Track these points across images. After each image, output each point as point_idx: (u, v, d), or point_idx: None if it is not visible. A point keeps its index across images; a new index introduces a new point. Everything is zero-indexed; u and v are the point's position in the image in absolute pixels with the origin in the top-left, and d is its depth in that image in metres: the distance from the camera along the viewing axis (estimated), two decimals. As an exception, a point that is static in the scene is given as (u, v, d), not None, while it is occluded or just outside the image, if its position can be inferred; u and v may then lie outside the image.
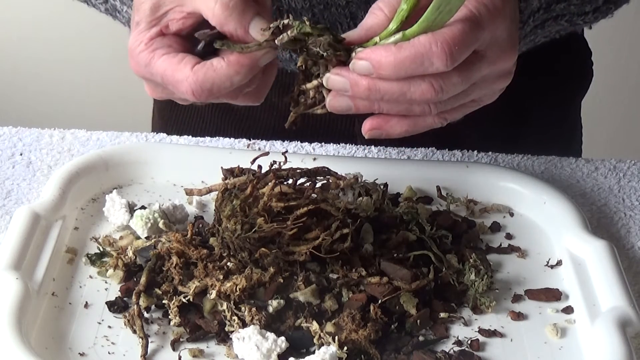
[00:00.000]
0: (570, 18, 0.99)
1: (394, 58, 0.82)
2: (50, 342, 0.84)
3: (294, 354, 0.83)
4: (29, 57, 2.58)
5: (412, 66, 0.81)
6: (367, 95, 0.84)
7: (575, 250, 0.95)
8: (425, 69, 0.82)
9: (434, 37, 0.81)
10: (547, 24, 0.97)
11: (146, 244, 0.92)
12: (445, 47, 0.81)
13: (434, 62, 0.81)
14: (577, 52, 1.30)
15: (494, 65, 0.85)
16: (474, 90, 0.86)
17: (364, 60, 0.83)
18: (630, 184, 1.10)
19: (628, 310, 0.86)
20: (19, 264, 0.87)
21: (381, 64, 0.82)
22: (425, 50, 0.81)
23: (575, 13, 0.99)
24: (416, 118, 0.86)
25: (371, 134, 0.87)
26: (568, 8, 0.97)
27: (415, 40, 0.82)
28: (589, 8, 1.00)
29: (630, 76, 2.57)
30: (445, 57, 0.81)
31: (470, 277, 0.91)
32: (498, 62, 0.86)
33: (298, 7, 1.08)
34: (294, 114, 0.89)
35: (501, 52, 0.85)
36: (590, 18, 1.02)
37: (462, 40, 0.81)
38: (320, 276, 0.89)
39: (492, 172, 1.05)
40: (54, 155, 1.11)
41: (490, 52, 0.85)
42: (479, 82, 0.86)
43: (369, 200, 0.97)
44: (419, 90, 0.83)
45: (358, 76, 0.84)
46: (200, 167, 1.04)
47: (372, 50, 0.83)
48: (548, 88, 1.27)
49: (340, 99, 0.86)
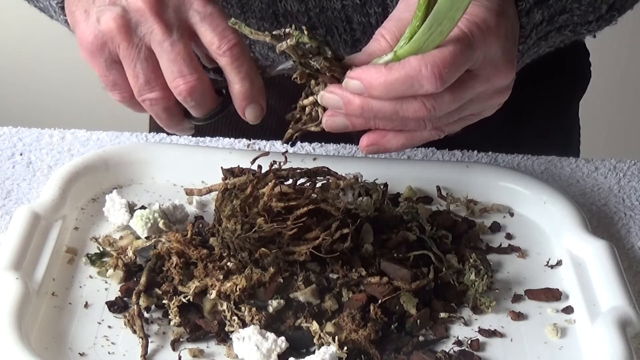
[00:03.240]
0: (573, 28, 0.99)
1: (384, 80, 0.82)
2: (50, 342, 0.84)
3: (294, 354, 0.83)
4: (29, 57, 2.57)
5: (402, 88, 0.82)
6: (360, 113, 0.85)
7: (575, 250, 0.95)
8: (416, 91, 0.82)
9: (424, 59, 0.81)
10: (550, 35, 0.97)
11: (146, 244, 0.92)
12: (435, 70, 0.81)
13: (423, 85, 0.81)
14: (575, 54, 1.30)
15: (488, 82, 0.85)
16: (469, 106, 0.87)
17: (355, 79, 0.83)
18: (630, 184, 1.10)
19: (628, 310, 0.86)
20: (19, 264, 0.87)
21: (372, 85, 0.82)
22: (415, 73, 0.81)
23: (579, 23, 0.99)
24: (412, 132, 0.87)
25: (369, 150, 0.88)
26: (571, 19, 0.97)
27: (406, 62, 0.82)
28: (592, 17, 1.00)
29: (629, 76, 2.57)
30: (435, 80, 0.81)
31: (470, 277, 0.91)
32: (493, 79, 0.86)
33: (294, 10, 1.08)
34: (292, 132, 0.90)
35: (495, 70, 0.85)
36: (594, 27, 1.02)
37: (453, 62, 0.81)
38: (320, 276, 0.89)
39: (492, 172, 1.05)
40: (54, 155, 1.11)
41: (483, 70, 0.85)
42: (474, 98, 0.86)
43: (369, 200, 0.97)
44: (411, 108, 0.83)
45: (351, 95, 0.84)
46: (200, 167, 1.04)
47: (363, 70, 0.83)
48: (546, 89, 1.27)
49: (336, 119, 0.87)
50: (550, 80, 1.26)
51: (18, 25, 2.53)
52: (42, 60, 2.57)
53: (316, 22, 1.09)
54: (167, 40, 0.87)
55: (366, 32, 1.09)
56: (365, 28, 1.08)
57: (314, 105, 0.88)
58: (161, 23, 0.87)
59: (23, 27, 2.53)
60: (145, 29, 0.87)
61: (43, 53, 2.55)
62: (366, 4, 1.05)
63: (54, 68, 2.57)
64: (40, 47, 2.54)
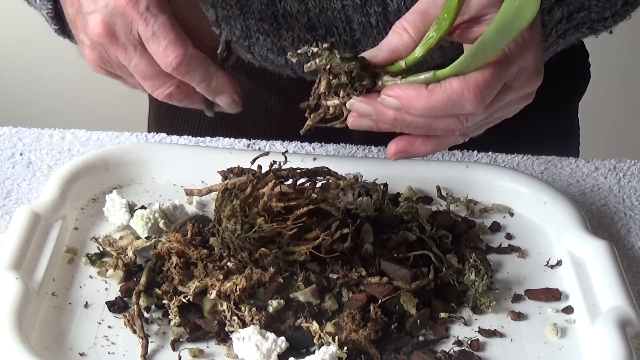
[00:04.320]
0: (591, 25, 1.00)
1: (426, 102, 0.82)
2: (50, 342, 0.84)
3: (294, 354, 0.83)
4: (29, 57, 2.57)
5: (443, 110, 0.82)
6: (392, 125, 0.85)
7: (575, 250, 0.95)
8: (456, 112, 0.82)
9: (466, 82, 0.81)
10: (568, 33, 0.97)
11: (146, 244, 0.93)
12: (477, 93, 0.81)
13: (465, 107, 0.81)
14: (574, 55, 1.29)
15: (519, 92, 0.86)
16: (497, 113, 0.87)
17: (394, 98, 0.83)
18: (630, 184, 1.10)
19: (628, 310, 0.86)
20: (19, 264, 0.87)
21: (411, 106, 0.82)
22: (457, 97, 0.81)
23: (596, 19, 0.99)
24: (440, 138, 0.87)
25: (398, 157, 0.88)
26: (589, 15, 0.97)
27: (447, 85, 0.81)
28: (608, 13, 1.00)
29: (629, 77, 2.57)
30: (477, 103, 0.81)
31: (470, 277, 0.91)
32: (524, 88, 0.86)
33: (293, 10, 1.08)
34: (311, 123, 0.89)
35: (527, 80, 0.86)
36: (610, 22, 1.02)
37: (494, 83, 0.81)
38: (320, 276, 0.89)
39: (492, 172, 1.05)
40: (54, 155, 1.11)
41: (517, 82, 0.85)
42: (503, 106, 0.86)
43: (369, 200, 0.97)
44: (444, 123, 0.84)
45: (384, 107, 0.84)
46: (200, 167, 1.04)
47: (403, 91, 0.83)
48: (546, 90, 1.26)
49: (362, 120, 0.86)
50: (550, 80, 1.26)
51: (18, 25, 2.53)
52: (42, 60, 2.57)
53: (316, 22, 1.08)
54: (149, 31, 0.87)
55: (366, 33, 1.09)
56: (365, 28, 1.08)
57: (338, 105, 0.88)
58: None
59: (23, 27, 2.53)
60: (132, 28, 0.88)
61: (43, 53, 2.55)
62: (366, 4, 1.05)
63: (54, 68, 2.57)
64: (40, 47, 2.54)
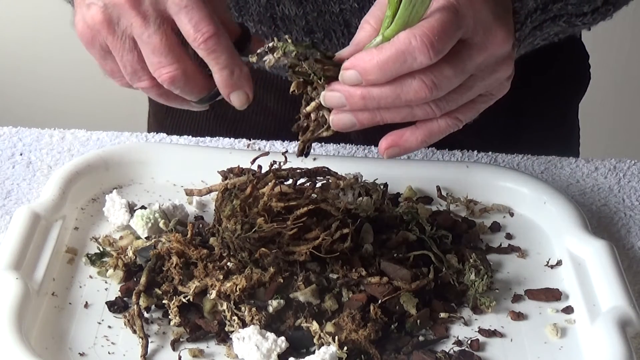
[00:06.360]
0: (568, 19, 0.99)
1: (377, 60, 0.81)
2: (50, 342, 0.84)
3: (294, 354, 0.83)
4: (29, 57, 2.57)
5: (397, 65, 0.81)
6: (364, 105, 0.84)
7: (575, 250, 0.95)
8: (410, 66, 0.81)
9: (412, 32, 0.80)
10: (545, 25, 0.96)
11: (146, 244, 0.93)
12: (425, 40, 0.80)
13: (416, 57, 0.80)
14: (574, 56, 1.30)
15: (486, 50, 0.84)
16: (475, 83, 0.85)
17: (350, 69, 0.83)
18: (630, 184, 1.10)
19: (628, 310, 0.86)
20: (19, 264, 0.87)
21: (366, 69, 0.82)
22: (405, 47, 0.80)
23: (574, 14, 0.99)
24: (428, 125, 0.86)
25: (389, 153, 0.87)
26: (565, 8, 0.97)
27: (395, 39, 0.81)
28: (587, 9, 1.00)
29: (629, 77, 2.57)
30: (427, 50, 0.80)
31: (470, 277, 0.91)
32: (490, 46, 0.84)
33: (291, 14, 1.08)
34: (302, 142, 0.89)
35: (490, 35, 0.84)
36: (589, 19, 1.01)
37: (442, 29, 0.80)
38: (320, 276, 0.89)
39: (492, 172, 1.05)
40: (54, 155, 1.11)
41: (477, 37, 0.83)
42: (477, 72, 0.85)
43: (369, 200, 0.97)
44: (411, 89, 0.82)
45: (350, 87, 0.84)
46: (200, 167, 1.04)
47: (356, 58, 0.83)
48: (546, 91, 1.27)
49: (341, 116, 0.86)
50: (550, 81, 1.26)
51: (18, 25, 2.53)
52: (42, 60, 2.57)
53: (314, 26, 1.08)
54: (145, 32, 0.88)
55: (364, 36, 1.08)
56: None
57: (318, 110, 0.87)
58: (138, 16, 0.88)
59: (23, 27, 2.54)
60: (126, 22, 0.88)
61: (43, 53, 2.55)
62: (364, 7, 1.05)
63: (54, 68, 2.57)
64: (40, 47, 2.54)
